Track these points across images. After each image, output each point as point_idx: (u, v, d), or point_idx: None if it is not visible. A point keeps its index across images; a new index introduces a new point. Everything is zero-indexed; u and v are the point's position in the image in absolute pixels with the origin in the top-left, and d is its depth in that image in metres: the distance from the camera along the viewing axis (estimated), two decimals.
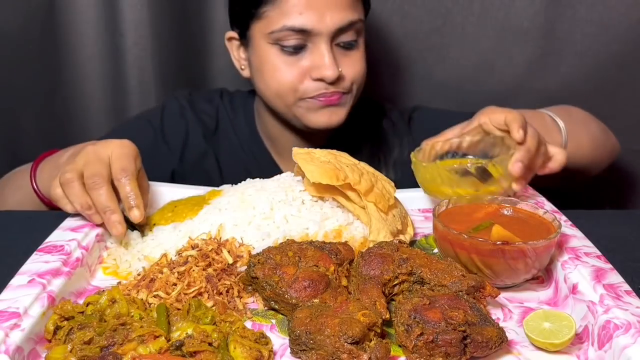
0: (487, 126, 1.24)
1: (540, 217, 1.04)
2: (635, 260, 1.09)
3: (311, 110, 1.48)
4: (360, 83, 1.51)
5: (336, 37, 1.42)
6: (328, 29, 1.39)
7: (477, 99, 1.88)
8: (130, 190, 1.08)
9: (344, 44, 1.44)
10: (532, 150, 1.16)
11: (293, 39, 1.41)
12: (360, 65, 1.49)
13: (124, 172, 1.08)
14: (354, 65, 1.47)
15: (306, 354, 0.79)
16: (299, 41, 1.41)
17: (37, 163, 1.33)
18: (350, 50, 1.46)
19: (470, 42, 1.84)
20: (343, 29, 1.41)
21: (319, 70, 1.42)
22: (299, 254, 0.95)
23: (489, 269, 0.95)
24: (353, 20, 1.42)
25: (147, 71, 1.85)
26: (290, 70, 1.44)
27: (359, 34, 1.47)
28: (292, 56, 1.43)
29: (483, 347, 0.79)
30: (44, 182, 1.29)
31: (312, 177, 1.05)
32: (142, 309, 0.87)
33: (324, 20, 1.38)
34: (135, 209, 1.08)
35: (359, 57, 1.48)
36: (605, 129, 1.58)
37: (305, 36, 1.41)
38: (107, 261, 1.06)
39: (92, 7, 1.77)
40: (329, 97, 1.45)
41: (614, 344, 0.78)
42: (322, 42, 1.41)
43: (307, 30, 1.39)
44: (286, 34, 1.41)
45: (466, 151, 1.26)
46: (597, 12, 1.77)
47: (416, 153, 1.23)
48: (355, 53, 1.47)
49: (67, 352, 0.77)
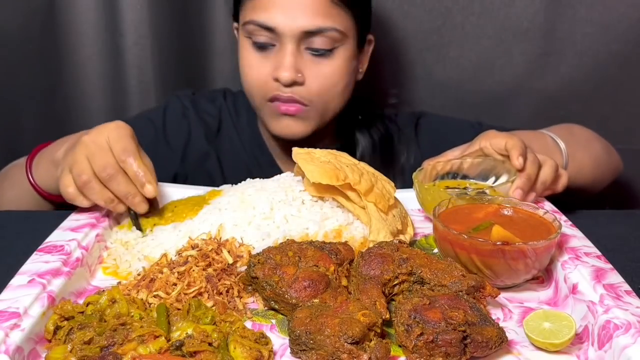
0: (487, 150, 1.25)
1: (540, 217, 1.04)
2: (635, 260, 1.09)
3: (273, 117, 1.46)
4: (330, 97, 1.45)
5: (305, 41, 1.38)
6: (292, 30, 1.35)
7: (477, 99, 1.89)
8: (137, 167, 1.08)
9: (313, 50, 1.39)
10: (532, 178, 1.18)
11: (262, 36, 1.39)
12: (330, 77, 1.42)
13: (126, 153, 1.08)
14: (322, 76, 1.41)
15: (306, 354, 0.79)
16: (267, 39, 1.39)
17: (31, 157, 1.32)
18: (322, 58, 1.40)
19: (470, 42, 1.84)
20: (311, 33, 1.36)
21: (277, 70, 1.39)
22: (299, 254, 0.95)
23: (489, 270, 0.95)
24: (323, 27, 1.36)
25: (147, 71, 1.85)
26: (258, 67, 1.42)
27: (337, 43, 1.40)
28: (261, 53, 1.42)
29: (483, 347, 0.79)
30: (41, 176, 1.29)
31: (312, 177, 1.05)
32: (142, 309, 0.87)
33: (291, 20, 1.35)
34: (147, 185, 1.09)
35: (331, 68, 1.42)
36: (608, 148, 1.56)
37: (274, 34, 1.38)
38: (107, 261, 1.07)
39: (92, 7, 1.77)
40: (284, 103, 1.42)
41: (614, 344, 0.78)
42: (288, 43, 1.37)
43: (272, 27, 1.37)
44: (255, 29, 1.39)
45: (466, 172, 1.28)
46: (597, 12, 1.77)
47: (417, 173, 1.24)
48: (327, 62, 1.41)
49: (67, 352, 0.77)
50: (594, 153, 1.51)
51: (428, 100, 1.90)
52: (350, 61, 1.46)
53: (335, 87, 1.44)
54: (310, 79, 1.41)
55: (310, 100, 1.43)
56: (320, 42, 1.38)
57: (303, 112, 1.44)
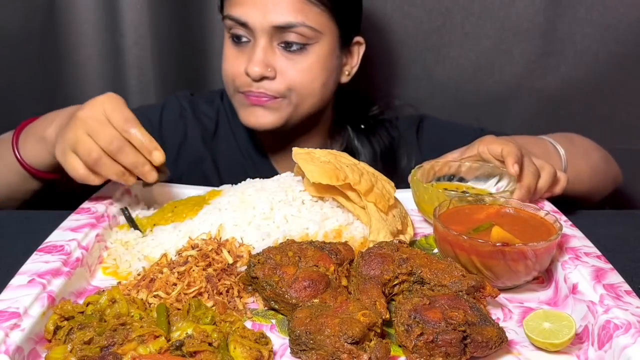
0: (485, 155, 1.25)
1: (541, 218, 1.04)
2: (635, 260, 1.09)
3: (243, 107, 1.48)
4: (304, 92, 1.45)
5: (277, 36, 1.40)
6: (263, 25, 1.37)
7: (477, 99, 1.89)
8: (142, 135, 1.08)
9: (285, 45, 1.41)
10: (531, 189, 1.18)
11: (238, 30, 1.42)
12: (303, 73, 1.43)
13: (129, 123, 1.08)
14: (294, 71, 1.42)
15: (306, 354, 0.79)
16: (243, 33, 1.41)
17: (17, 133, 1.30)
18: (295, 54, 1.41)
19: (470, 42, 1.84)
20: (282, 28, 1.38)
21: (247, 65, 1.41)
22: (299, 254, 0.95)
23: (489, 271, 0.95)
24: (294, 23, 1.37)
25: (147, 71, 1.85)
26: (234, 60, 1.45)
27: (311, 40, 1.41)
28: (238, 47, 1.44)
29: (483, 347, 0.79)
30: (28, 153, 1.27)
31: (312, 177, 1.05)
32: (142, 309, 0.87)
33: (262, 16, 1.37)
34: (155, 151, 1.09)
35: (305, 65, 1.42)
36: (607, 158, 1.57)
37: (248, 29, 1.40)
38: (107, 261, 1.06)
39: (92, 7, 1.77)
40: (255, 97, 1.43)
41: (614, 344, 0.78)
42: (260, 38, 1.39)
43: (243, 22, 1.39)
44: (232, 24, 1.42)
45: (464, 175, 1.29)
46: (597, 12, 1.77)
47: (415, 171, 1.24)
48: (301, 59, 1.42)
49: (67, 352, 0.77)
50: (593, 162, 1.52)
51: (428, 100, 1.90)
52: (327, 59, 1.46)
53: (310, 84, 1.45)
54: (281, 74, 1.42)
55: (282, 93, 1.43)
56: (292, 37, 1.40)
57: (274, 103, 1.44)
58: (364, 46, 1.56)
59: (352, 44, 1.54)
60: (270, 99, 1.43)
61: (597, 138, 1.92)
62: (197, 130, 1.61)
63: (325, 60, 1.45)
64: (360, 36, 1.55)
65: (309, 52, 1.42)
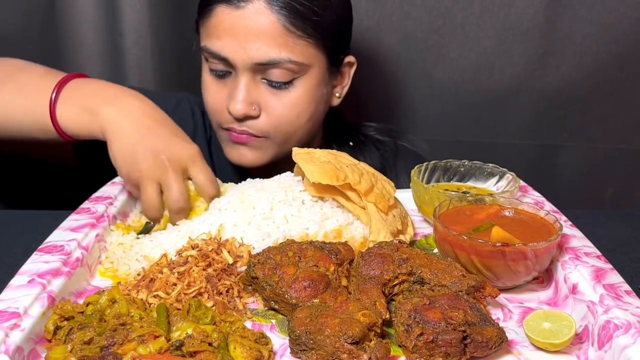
0: None
1: (541, 218, 1.04)
2: (635, 260, 1.09)
3: (226, 142, 1.42)
4: (290, 130, 1.37)
5: (261, 72, 1.31)
6: (244, 62, 1.28)
7: (477, 99, 1.90)
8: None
9: (270, 82, 1.32)
10: None
11: (217, 64, 1.33)
12: (289, 109, 1.34)
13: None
14: (280, 107, 1.33)
15: (306, 354, 0.79)
16: (222, 67, 1.33)
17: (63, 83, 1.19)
18: (281, 90, 1.33)
19: (470, 42, 1.84)
20: (265, 65, 1.29)
21: (229, 103, 1.32)
22: (299, 254, 0.95)
23: (489, 271, 0.95)
24: (277, 59, 1.28)
25: (147, 71, 1.85)
26: (215, 93, 1.37)
27: (296, 74, 1.32)
28: (219, 79, 1.36)
29: (483, 347, 0.79)
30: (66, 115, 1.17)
31: (312, 177, 1.05)
32: (142, 309, 0.87)
33: (242, 51, 1.28)
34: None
35: (291, 100, 1.34)
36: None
37: (227, 64, 1.31)
38: (105, 264, 1.06)
39: (92, 7, 1.77)
40: (237, 135, 1.37)
41: (614, 344, 0.78)
42: (242, 75, 1.30)
43: (223, 57, 1.30)
44: (209, 56, 1.33)
45: (464, 176, 1.28)
46: (597, 12, 1.78)
47: (416, 170, 1.24)
48: (287, 93, 1.33)
49: (67, 352, 0.77)
50: None
51: (428, 100, 1.90)
52: (316, 90, 1.37)
53: (296, 119, 1.37)
54: (266, 111, 1.34)
55: (266, 132, 1.36)
56: (278, 74, 1.31)
57: (257, 142, 1.37)
58: (355, 66, 1.48)
59: (343, 65, 1.45)
60: (253, 138, 1.36)
61: (597, 138, 1.93)
62: (202, 138, 1.57)
63: (314, 92, 1.37)
64: (350, 55, 1.47)
65: (294, 87, 1.34)
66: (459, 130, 1.95)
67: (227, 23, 1.28)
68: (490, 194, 1.20)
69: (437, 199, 1.14)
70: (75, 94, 1.19)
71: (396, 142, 1.67)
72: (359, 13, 1.80)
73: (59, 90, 1.18)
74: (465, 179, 1.28)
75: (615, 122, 1.89)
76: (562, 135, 1.92)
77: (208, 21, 1.32)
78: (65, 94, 1.19)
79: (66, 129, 1.19)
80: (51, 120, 1.18)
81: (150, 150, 1.12)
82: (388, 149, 1.64)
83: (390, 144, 1.66)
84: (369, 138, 1.66)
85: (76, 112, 1.17)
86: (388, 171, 1.60)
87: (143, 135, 1.13)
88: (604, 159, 1.92)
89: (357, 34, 1.80)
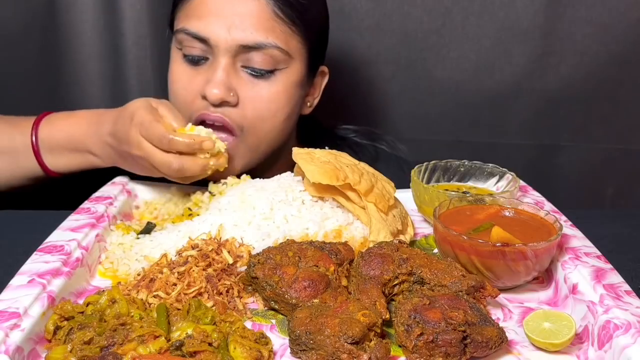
0: None
1: (541, 218, 1.04)
2: (635, 260, 1.09)
3: None
4: (264, 128, 1.29)
5: (242, 57, 1.25)
6: (227, 43, 1.22)
7: (477, 99, 1.89)
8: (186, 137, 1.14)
9: (252, 70, 1.25)
10: None
11: (193, 48, 1.26)
12: (268, 102, 1.27)
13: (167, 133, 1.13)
14: (258, 99, 1.26)
15: (306, 354, 0.79)
16: (199, 51, 1.26)
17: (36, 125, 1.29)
18: (261, 79, 1.26)
19: (470, 42, 1.84)
20: (249, 48, 1.23)
21: (205, 87, 1.24)
22: (299, 254, 0.95)
23: (489, 271, 0.95)
24: (264, 43, 1.23)
25: (147, 71, 1.84)
26: (186, 82, 1.29)
27: (280, 65, 1.27)
28: (192, 67, 1.28)
29: (483, 347, 0.79)
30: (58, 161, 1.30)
31: (312, 177, 1.05)
32: (142, 309, 0.87)
33: (226, 32, 1.21)
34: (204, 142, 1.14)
35: (270, 93, 1.27)
36: None
37: (207, 47, 1.24)
38: (105, 264, 1.06)
39: (92, 7, 1.77)
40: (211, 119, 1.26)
41: (614, 344, 0.78)
42: (221, 57, 1.23)
43: (203, 38, 1.23)
44: (186, 39, 1.26)
45: (464, 175, 1.29)
46: (597, 12, 1.78)
47: (416, 170, 1.24)
48: (266, 85, 1.27)
49: (67, 352, 0.77)
50: None
51: (428, 100, 1.90)
52: (295, 88, 1.32)
53: (273, 115, 1.30)
54: (244, 100, 1.26)
55: (241, 126, 1.28)
56: (260, 60, 1.25)
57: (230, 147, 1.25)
58: (327, 77, 1.45)
59: (317, 75, 1.42)
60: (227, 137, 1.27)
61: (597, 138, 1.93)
62: None
63: (293, 89, 1.31)
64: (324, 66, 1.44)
65: (275, 78, 1.27)
66: (458, 130, 1.94)
67: (211, 3, 1.24)
68: (490, 194, 1.20)
69: (437, 199, 1.14)
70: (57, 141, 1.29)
71: (375, 145, 1.63)
72: (359, 13, 1.80)
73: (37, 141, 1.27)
74: (465, 179, 1.29)
75: (615, 122, 1.89)
76: (562, 135, 1.92)
77: (189, 2, 1.27)
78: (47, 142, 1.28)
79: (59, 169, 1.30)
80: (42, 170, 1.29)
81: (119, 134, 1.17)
82: (367, 153, 1.60)
83: (369, 147, 1.62)
84: (346, 141, 1.62)
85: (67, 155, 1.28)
86: None
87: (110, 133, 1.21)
88: (604, 159, 1.92)
89: (357, 34, 1.80)
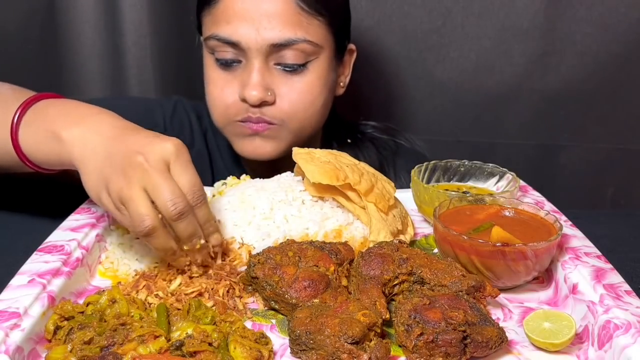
0: None
1: (541, 218, 1.04)
2: (635, 260, 1.09)
3: (239, 137, 1.36)
4: (305, 116, 1.33)
5: (274, 55, 1.26)
6: (258, 44, 1.24)
7: (477, 99, 1.90)
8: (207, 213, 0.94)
9: (284, 66, 1.28)
10: None
11: (225, 52, 1.27)
12: (304, 95, 1.30)
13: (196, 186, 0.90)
14: (295, 93, 1.29)
15: (306, 354, 0.79)
16: (232, 55, 1.27)
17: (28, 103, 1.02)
18: (295, 74, 1.29)
19: (470, 42, 1.84)
20: (280, 46, 1.25)
21: (243, 90, 1.27)
22: (299, 254, 0.95)
23: (489, 271, 0.95)
24: (293, 39, 1.24)
25: (147, 71, 1.85)
26: (224, 86, 1.31)
27: (311, 57, 1.29)
28: (225, 71, 1.30)
29: (483, 347, 0.79)
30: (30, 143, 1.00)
31: (312, 177, 1.05)
32: (142, 309, 0.87)
33: (256, 33, 1.23)
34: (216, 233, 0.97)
35: (305, 86, 1.30)
36: None
37: (238, 50, 1.26)
38: (105, 264, 1.06)
39: (92, 7, 1.77)
40: (254, 124, 1.31)
41: (614, 344, 0.78)
42: (254, 59, 1.25)
43: (234, 42, 1.25)
44: (217, 44, 1.27)
45: (464, 175, 1.29)
46: (597, 12, 1.78)
47: (416, 170, 1.24)
48: (300, 79, 1.29)
49: (67, 352, 0.77)
50: None
51: (428, 100, 1.90)
52: (327, 75, 1.35)
53: (311, 105, 1.33)
54: (281, 97, 1.30)
55: (281, 120, 1.32)
56: (291, 56, 1.27)
57: (273, 131, 1.32)
58: (355, 53, 1.47)
59: (345, 53, 1.44)
60: (269, 126, 1.31)
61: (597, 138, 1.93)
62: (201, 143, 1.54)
63: (326, 77, 1.34)
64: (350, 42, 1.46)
65: (308, 70, 1.30)
66: (458, 130, 1.95)
67: (237, 6, 1.24)
68: (490, 194, 1.20)
69: (437, 199, 1.14)
70: (40, 116, 1.01)
71: (395, 140, 1.66)
72: (359, 13, 1.80)
73: (23, 113, 1.01)
74: (465, 179, 1.29)
75: (615, 122, 1.89)
76: (562, 135, 1.92)
77: (215, 8, 1.28)
78: (30, 117, 1.01)
79: (32, 157, 1.02)
80: (14, 148, 1.01)
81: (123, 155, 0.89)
82: (387, 147, 1.63)
83: (389, 142, 1.65)
84: (366, 136, 1.65)
85: (40, 137, 0.99)
86: (387, 169, 1.59)
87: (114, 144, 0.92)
88: (604, 159, 1.92)
89: (357, 34, 1.80)
